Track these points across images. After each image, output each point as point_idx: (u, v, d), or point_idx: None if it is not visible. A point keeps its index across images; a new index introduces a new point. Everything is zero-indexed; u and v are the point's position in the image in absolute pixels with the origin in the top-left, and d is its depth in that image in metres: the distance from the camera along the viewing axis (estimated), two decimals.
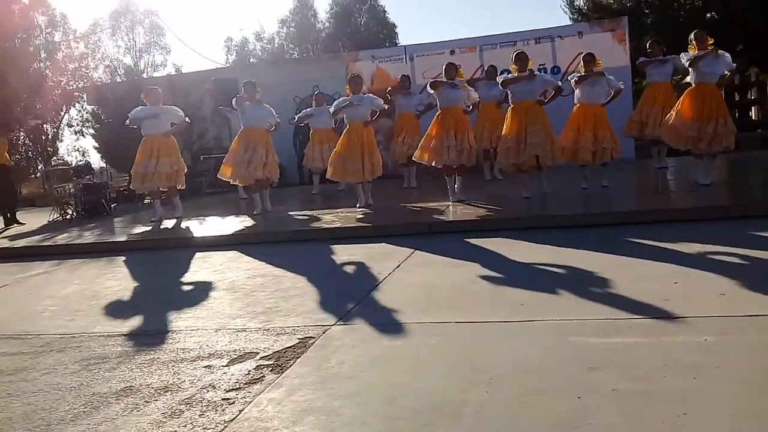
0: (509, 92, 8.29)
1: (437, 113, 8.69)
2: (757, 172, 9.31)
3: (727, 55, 7.89)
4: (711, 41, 7.89)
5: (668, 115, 8.25)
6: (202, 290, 5.43)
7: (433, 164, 8.73)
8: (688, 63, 7.94)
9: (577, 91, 8.55)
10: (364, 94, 9.09)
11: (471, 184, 9.22)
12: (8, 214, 12.19)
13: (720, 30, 8.23)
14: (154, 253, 7.66)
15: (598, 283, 4.44)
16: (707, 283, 4.20)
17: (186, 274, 6.28)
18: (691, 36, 8.05)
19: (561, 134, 8.51)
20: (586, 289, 4.33)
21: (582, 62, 8.58)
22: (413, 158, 9.14)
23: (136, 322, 4.60)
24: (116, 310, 5.04)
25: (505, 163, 8.37)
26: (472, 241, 6.30)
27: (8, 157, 12.48)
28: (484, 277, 4.93)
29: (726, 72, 7.91)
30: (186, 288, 5.66)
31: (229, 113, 11.57)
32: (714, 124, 7.74)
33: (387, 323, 4.00)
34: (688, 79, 8.35)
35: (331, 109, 9.22)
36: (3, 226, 12.06)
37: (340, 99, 9.18)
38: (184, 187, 10.26)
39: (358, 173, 8.84)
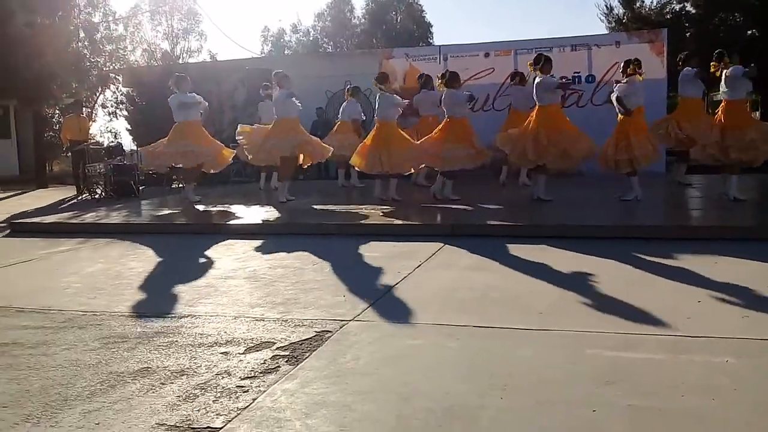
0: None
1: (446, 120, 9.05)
2: None
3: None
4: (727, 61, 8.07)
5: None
6: (224, 277, 5.48)
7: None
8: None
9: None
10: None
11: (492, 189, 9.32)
12: (81, 185, 12.91)
13: (759, 47, 8.05)
14: (178, 237, 7.74)
15: (620, 296, 4.39)
16: (731, 305, 4.14)
17: (209, 260, 6.33)
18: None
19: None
20: (607, 302, 4.30)
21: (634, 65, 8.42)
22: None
23: (156, 304, 4.66)
24: (138, 291, 5.10)
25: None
26: (494, 245, 6.27)
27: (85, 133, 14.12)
28: (504, 283, 4.92)
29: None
30: (208, 274, 5.71)
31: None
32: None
33: (404, 322, 4.00)
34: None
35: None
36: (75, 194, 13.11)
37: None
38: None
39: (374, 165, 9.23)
